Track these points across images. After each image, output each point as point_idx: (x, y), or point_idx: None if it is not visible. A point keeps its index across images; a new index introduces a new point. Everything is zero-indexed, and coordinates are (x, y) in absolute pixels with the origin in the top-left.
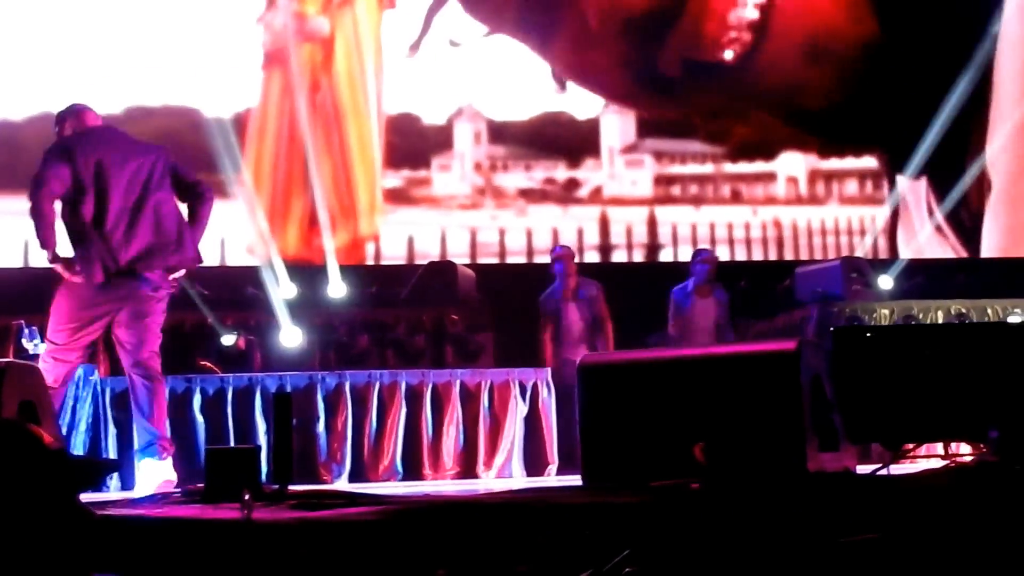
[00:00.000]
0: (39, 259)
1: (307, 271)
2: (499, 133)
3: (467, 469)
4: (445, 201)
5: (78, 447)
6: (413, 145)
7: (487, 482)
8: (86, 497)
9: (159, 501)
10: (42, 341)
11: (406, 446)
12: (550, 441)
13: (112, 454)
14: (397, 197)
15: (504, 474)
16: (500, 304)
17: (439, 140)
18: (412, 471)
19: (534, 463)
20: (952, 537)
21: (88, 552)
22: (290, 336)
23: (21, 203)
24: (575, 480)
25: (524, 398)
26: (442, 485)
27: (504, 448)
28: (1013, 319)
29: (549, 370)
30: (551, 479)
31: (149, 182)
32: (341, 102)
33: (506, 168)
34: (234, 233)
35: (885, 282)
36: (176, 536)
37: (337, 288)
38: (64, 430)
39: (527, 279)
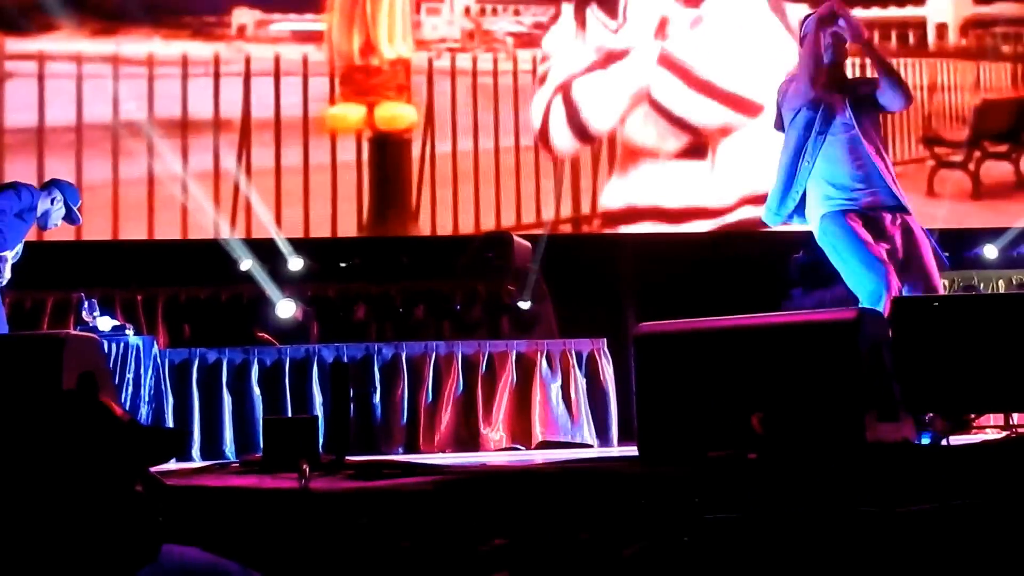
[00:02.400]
0: (96, 232)
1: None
2: None
3: (523, 439)
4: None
5: (142, 419)
6: None
7: (543, 452)
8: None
9: (218, 471)
10: (102, 314)
11: (463, 417)
12: (609, 411)
13: (172, 425)
14: None
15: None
16: (557, 275)
17: None
18: (469, 441)
19: (593, 433)
20: (1011, 508)
21: (161, 523)
22: (285, 308)
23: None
24: (632, 450)
25: (581, 368)
26: (498, 456)
27: (559, 418)
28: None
29: (605, 340)
30: (610, 449)
31: None
32: None
33: (495, 12)
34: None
35: (990, 251)
36: (234, 505)
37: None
38: (128, 402)
39: (583, 250)
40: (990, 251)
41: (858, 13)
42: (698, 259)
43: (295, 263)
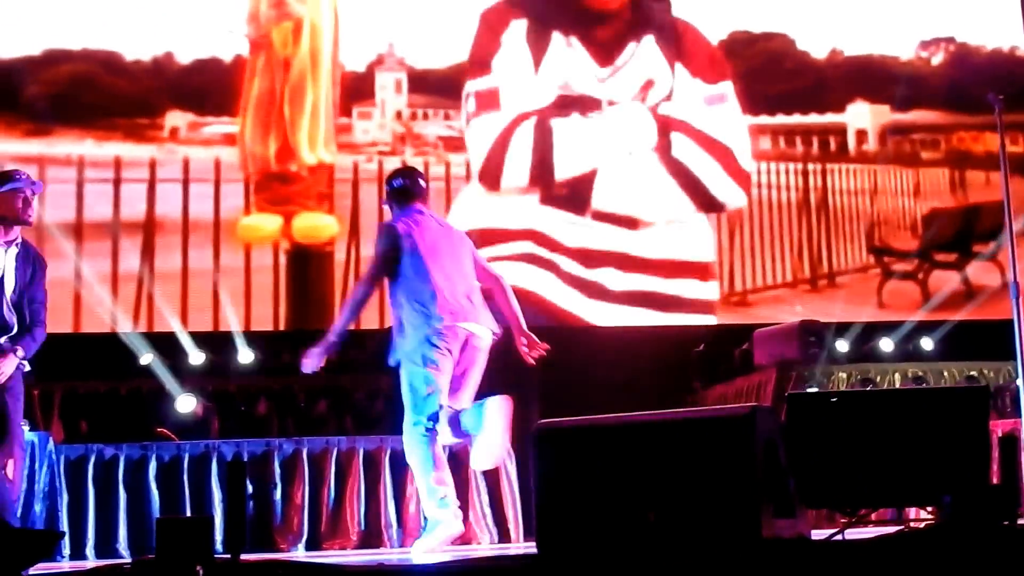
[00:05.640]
0: None
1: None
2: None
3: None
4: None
5: (34, 517)
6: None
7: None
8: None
9: (108, 573)
10: None
11: (365, 513)
12: (512, 507)
13: (66, 523)
14: None
15: (465, 540)
16: None
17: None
18: (372, 538)
19: (496, 530)
20: None
21: None
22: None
23: None
24: (533, 547)
25: None
26: (401, 553)
27: (465, 515)
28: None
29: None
30: (512, 545)
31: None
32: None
33: (426, 117)
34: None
35: (841, 346)
36: None
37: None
38: (21, 500)
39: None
40: (886, 344)
41: (782, 120)
42: (604, 353)
43: (197, 357)
